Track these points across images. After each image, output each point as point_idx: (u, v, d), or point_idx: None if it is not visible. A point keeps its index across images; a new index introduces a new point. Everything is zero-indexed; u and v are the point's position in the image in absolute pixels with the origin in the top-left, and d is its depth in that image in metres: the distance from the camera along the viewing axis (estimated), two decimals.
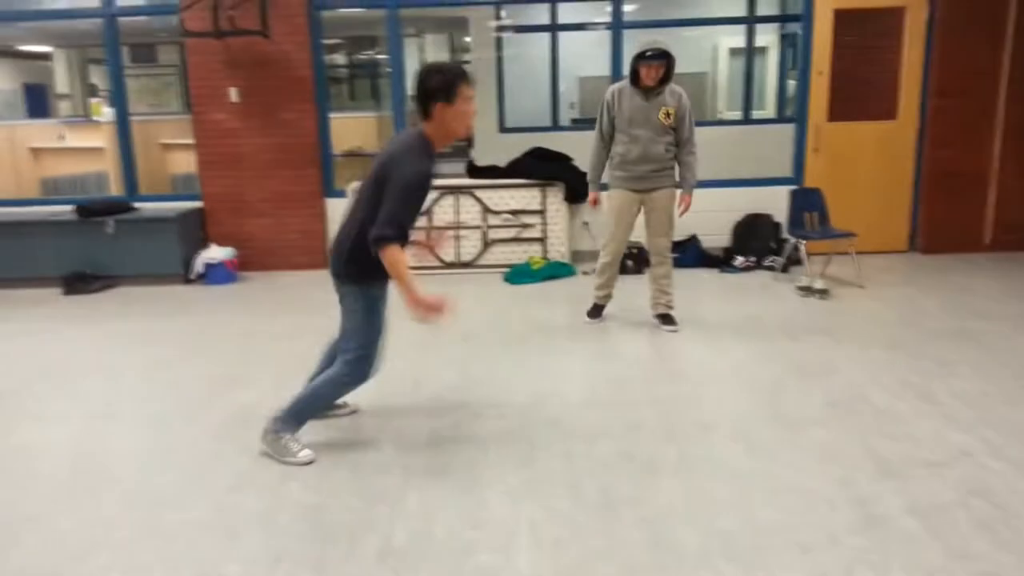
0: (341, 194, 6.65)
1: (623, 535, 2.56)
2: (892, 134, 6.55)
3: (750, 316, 5.02)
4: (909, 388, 3.70)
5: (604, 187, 4.89)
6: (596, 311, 5.06)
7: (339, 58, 12.74)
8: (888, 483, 2.82)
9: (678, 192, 4.75)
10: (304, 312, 5.38)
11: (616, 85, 4.76)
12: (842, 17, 6.41)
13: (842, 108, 6.60)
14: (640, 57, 4.54)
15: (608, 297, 5.04)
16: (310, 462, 3.12)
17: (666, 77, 4.59)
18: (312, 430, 3.29)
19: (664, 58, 4.51)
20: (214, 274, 6.39)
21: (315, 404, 3.24)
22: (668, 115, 4.60)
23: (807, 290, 5.46)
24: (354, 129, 9.71)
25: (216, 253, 6.45)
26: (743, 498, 2.76)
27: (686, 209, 4.73)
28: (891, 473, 2.89)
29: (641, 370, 4.12)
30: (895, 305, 5.21)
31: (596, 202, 4.93)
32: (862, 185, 6.56)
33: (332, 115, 6.92)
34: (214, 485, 2.98)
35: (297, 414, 3.20)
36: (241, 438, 3.36)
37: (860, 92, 6.89)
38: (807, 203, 6.02)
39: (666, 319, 4.85)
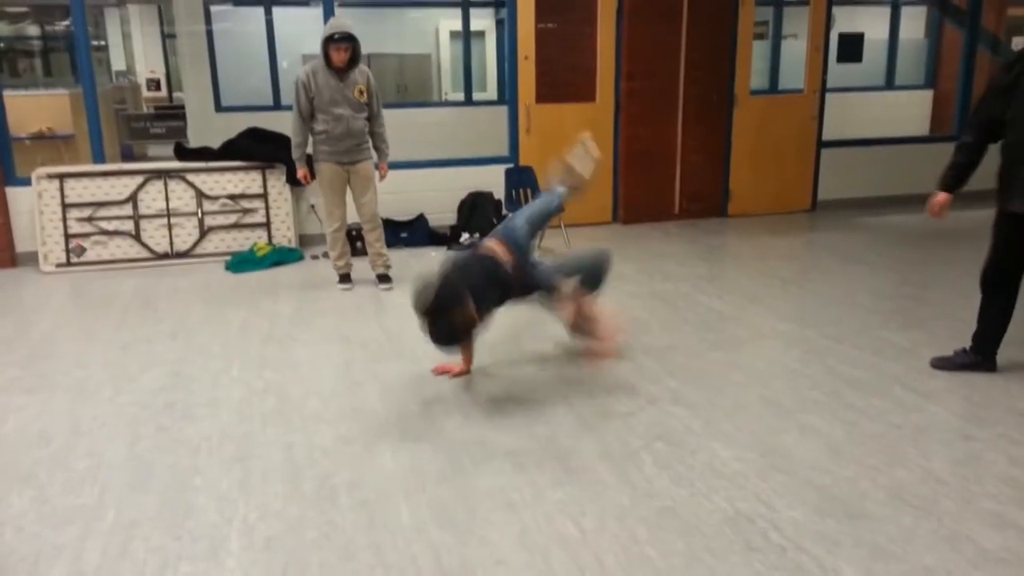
0: (25, 182, 5.86)
1: (340, 521, 2.55)
2: (594, 115, 7.09)
3: None
4: None
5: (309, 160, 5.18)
6: (344, 279, 5.34)
7: (30, 28, 11.28)
8: (587, 436, 3.08)
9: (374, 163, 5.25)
10: None
11: (309, 65, 5.01)
12: (543, 4, 6.78)
13: (550, 91, 7.02)
14: (329, 40, 4.82)
15: (349, 265, 5.34)
16: None
17: (354, 58, 4.91)
18: None
19: (351, 40, 4.84)
20: None
21: None
22: (362, 92, 4.97)
23: None
24: (47, 108, 8.63)
25: None
26: (458, 467, 2.87)
27: (384, 175, 5.26)
28: (589, 427, 3.16)
29: (367, 351, 4.11)
30: None
31: (307, 177, 5.21)
32: None
33: (14, 93, 6.09)
34: None
35: None
36: None
37: (565, 76, 7.37)
38: (520, 180, 6.37)
39: (383, 278, 5.32)
